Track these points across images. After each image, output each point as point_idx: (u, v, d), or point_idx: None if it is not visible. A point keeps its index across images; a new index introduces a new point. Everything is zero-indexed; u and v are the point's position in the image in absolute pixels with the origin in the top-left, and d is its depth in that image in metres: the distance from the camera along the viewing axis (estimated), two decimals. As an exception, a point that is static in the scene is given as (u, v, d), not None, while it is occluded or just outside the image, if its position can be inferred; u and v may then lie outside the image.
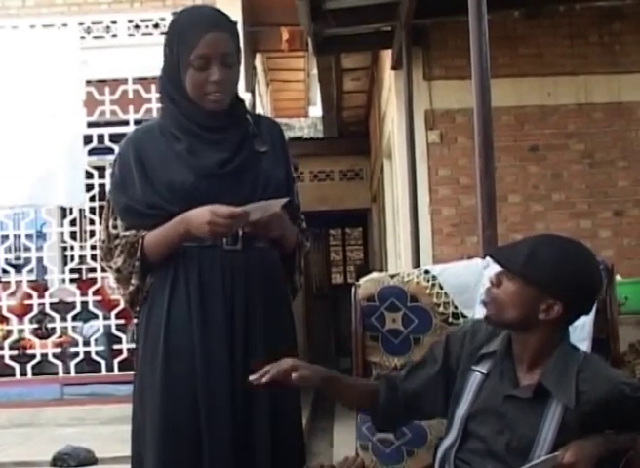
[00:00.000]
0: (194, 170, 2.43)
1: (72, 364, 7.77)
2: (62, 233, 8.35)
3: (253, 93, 8.83)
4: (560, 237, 2.30)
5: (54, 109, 7.31)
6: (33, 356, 7.78)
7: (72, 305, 7.91)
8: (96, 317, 7.95)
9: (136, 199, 2.45)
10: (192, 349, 2.40)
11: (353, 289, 2.73)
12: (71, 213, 8.15)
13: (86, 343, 7.84)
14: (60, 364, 7.77)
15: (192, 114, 2.47)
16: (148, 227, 2.44)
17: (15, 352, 7.83)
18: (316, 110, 14.08)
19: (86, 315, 8.03)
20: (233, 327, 2.43)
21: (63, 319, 7.88)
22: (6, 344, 7.85)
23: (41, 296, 7.92)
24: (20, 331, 7.96)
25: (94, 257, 8.06)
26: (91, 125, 7.88)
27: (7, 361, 7.78)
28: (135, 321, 2.58)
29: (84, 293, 7.89)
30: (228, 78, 2.46)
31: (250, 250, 2.47)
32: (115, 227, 2.49)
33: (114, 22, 8.04)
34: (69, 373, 7.78)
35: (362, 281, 2.74)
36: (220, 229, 2.36)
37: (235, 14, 6.77)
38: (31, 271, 8.20)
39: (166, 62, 2.51)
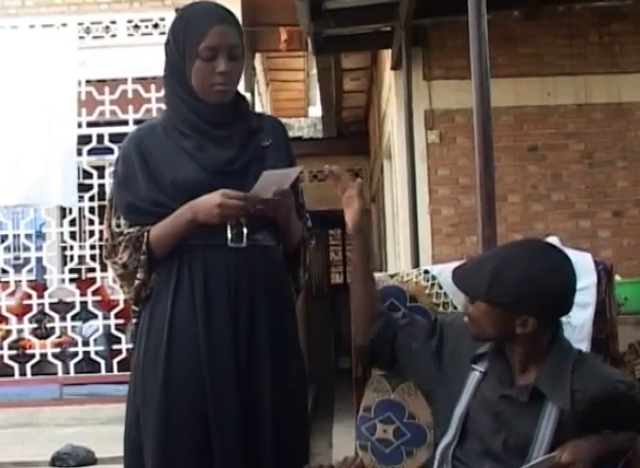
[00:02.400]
0: (202, 166, 2.44)
1: (71, 364, 7.78)
2: (62, 233, 8.36)
3: (252, 93, 8.83)
4: (524, 247, 2.28)
5: (50, 109, 7.31)
6: (32, 356, 7.79)
7: (71, 305, 7.92)
8: (95, 317, 7.96)
9: (139, 197, 2.45)
10: (197, 348, 2.39)
11: (352, 289, 2.72)
12: (70, 212, 8.15)
13: (85, 343, 7.85)
14: (59, 364, 7.78)
15: (198, 111, 2.47)
16: (151, 225, 2.45)
17: (14, 352, 7.84)
18: (316, 110, 14.07)
19: (85, 315, 8.05)
20: (237, 325, 2.42)
21: (63, 319, 7.89)
22: (5, 344, 7.86)
23: (40, 296, 7.93)
24: (20, 330, 7.97)
25: (93, 257, 8.08)
26: (90, 125, 7.89)
27: (6, 361, 7.79)
28: (134, 321, 2.58)
29: (83, 293, 7.90)
30: (234, 70, 2.48)
31: (254, 248, 2.47)
32: (118, 226, 2.48)
33: (114, 22, 8.05)
34: (68, 373, 7.79)
35: (361, 281, 2.73)
36: (230, 211, 2.37)
37: (235, 13, 6.75)
38: (31, 271, 8.21)
39: (170, 57, 2.50)
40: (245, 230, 2.45)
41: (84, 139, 7.83)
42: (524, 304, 2.13)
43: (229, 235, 2.44)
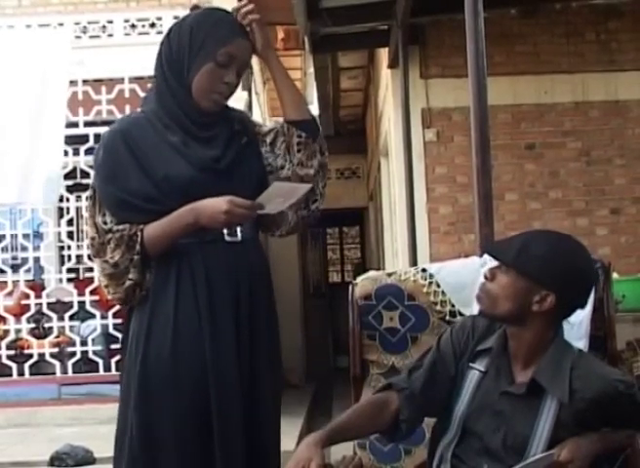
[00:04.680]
0: (191, 163, 2.42)
1: (70, 363, 7.77)
2: (59, 233, 8.34)
3: (249, 92, 8.82)
4: (554, 232, 2.33)
5: (41, 109, 7.28)
6: (31, 356, 7.78)
7: (69, 305, 7.91)
8: (93, 316, 7.95)
9: (130, 192, 2.40)
10: (202, 347, 2.38)
11: (350, 287, 2.73)
12: (68, 212, 8.14)
13: (83, 343, 7.84)
14: (57, 363, 7.76)
15: (186, 108, 2.46)
16: (142, 222, 2.40)
17: (12, 352, 7.83)
18: (313, 109, 14.05)
19: (83, 315, 8.03)
20: (239, 320, 2.42)
21: (61, 319, 7.88)
22: (3, 344, 7.85)
23: (38, 296, 7.92)
24: (18, 330, 7.95)
25: (91, 257, 8.06)
26: (87, 124, 7.88)
27: (4, 361, 7.77)
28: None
29: (81, 293, 7.89)
30: (235, 85, 2.50)
31: (247, 241, 2.47)
32: (105, 222, 2.43)
33: (110, 22, 8.03)
34: (67, 373, 7.78)
35: (359, 279, 2.74)
36: (235, 219, 2.36)
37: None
38: (28, 271, 8.20)
39: (176, 49, 2.46)
40: (239, 225, 2.45)
41: (81, 139, 7.82)
42: (548, 276, 2.15)
43: (225, 230, 2.43)
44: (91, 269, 8.12)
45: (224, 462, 2.35)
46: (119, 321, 7.72)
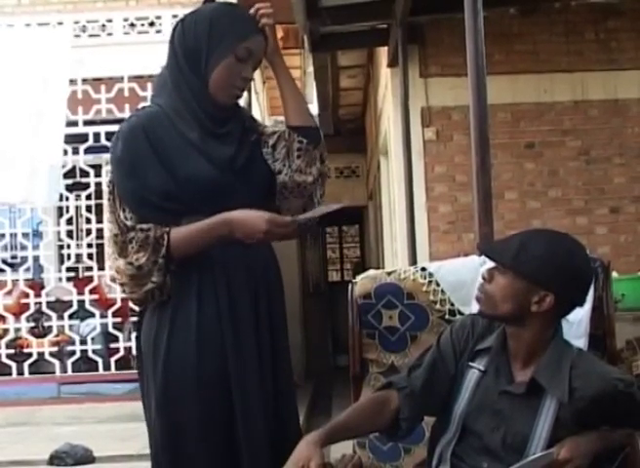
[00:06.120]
0: (211, 162, 2.40)
1: (69, 362, 7.78)
2: (59, 232, 8.36)
3: (249, 91, 8.82)
4: (551, 231, 2.33)
5: (42, 108, 7.29)
6: (30, 355, 7.79)
7: (69, 304, 7.92)
8: (92, 315, 7.97)
9: (150, 189, 2.36)
10: (224, 346, 2.37)
11: (350, 286, 2.73)
12: (67, 211, 8.15)
13: (83, 342, 7.85)
14: (56, 362, 7.77)
15: (203, 103, 2.43)
16: (160, 220, 2.36)
17: (11, 351, 7.84)
18: (312, 108, 14.07)
19: (83, 313, 8.05)
20: (258, 319, 2.43)
21: (60, 317, 7.89)
22: (3, 343, 7.86)
23: (37, 295, 7.93)
24: (17, 329, 7.97)
25: (90, 256, 8.08)
26: (87, 123, 7.89)
27: (4, 360, 7.79)
28: (133, 319, 2.54)
29: (80, 292, 7.91)
30: (250, 81, 2.51)
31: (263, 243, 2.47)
32: (126, 218, 2.37)
33: (110, 21, 8.04)
34: (66, 372, 7.79)
35: (359, 278, 2.74)
36: (273, 239, 2.36)
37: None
38: (28, 270, 8.22)
39: (193, 43, 2.43)
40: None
41: (80, 138, 7.83)
42: (547, 277, 2.15)
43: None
44: (90, 268, 8.14)
45: (250, 461, 2.36)
46: (118, 320, 7.73)
